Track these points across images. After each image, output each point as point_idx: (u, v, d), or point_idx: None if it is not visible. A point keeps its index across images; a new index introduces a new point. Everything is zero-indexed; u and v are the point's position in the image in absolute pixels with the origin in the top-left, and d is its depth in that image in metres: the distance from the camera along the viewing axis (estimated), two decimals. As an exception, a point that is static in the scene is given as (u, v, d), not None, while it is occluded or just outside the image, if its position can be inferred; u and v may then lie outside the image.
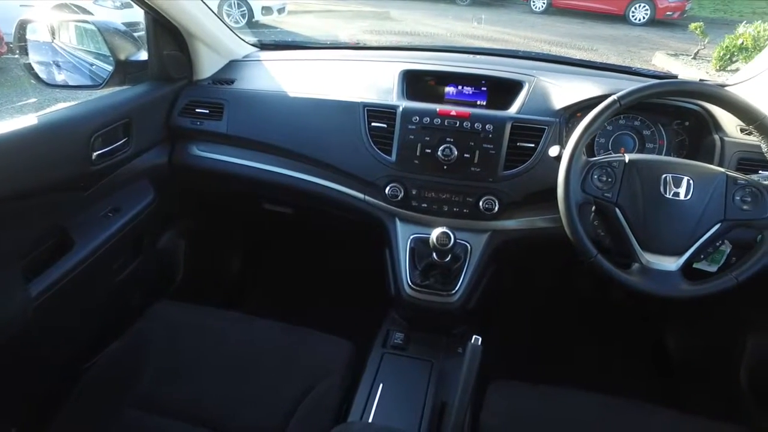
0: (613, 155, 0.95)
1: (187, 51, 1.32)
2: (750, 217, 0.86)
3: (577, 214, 0.90)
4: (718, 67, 5.97)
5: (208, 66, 1.38)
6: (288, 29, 8.04)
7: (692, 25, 6.58)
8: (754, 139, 0.91)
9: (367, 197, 1.19)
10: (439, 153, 1.08)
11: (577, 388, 0.99)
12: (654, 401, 0.97)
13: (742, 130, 1.05)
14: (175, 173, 1.35)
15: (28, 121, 0.94)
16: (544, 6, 10.61)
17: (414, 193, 1.13)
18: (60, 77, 1.27)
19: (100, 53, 1.25)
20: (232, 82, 1.36)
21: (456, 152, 1.08)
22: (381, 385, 1.05)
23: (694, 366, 1.49)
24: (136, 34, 1.29)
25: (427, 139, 1.10)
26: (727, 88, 1.11)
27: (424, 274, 1.10)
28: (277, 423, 0.91)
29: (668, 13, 9.53)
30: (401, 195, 1.12)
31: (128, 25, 1.33)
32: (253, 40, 1.58)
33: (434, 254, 1.05)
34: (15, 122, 0.92)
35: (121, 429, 0.91)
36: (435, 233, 0.99)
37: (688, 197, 0.87)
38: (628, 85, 0.94)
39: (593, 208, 0.93)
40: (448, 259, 1.06)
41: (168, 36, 1.26)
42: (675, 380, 1.51)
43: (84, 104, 1.10)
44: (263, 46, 1.59)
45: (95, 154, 1.08)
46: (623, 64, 1.46)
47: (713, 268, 1.00)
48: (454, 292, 1.10)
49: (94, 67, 1.28)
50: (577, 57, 1.55)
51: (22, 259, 0.97)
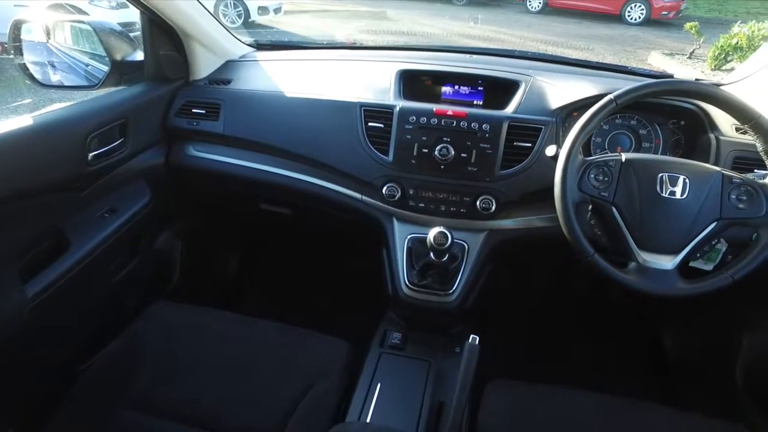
0: (610, 154, 0.95)
1: (184, 51, 1.32)
2: (745, 215, 0.87)
3: (574, 213, 0.90)
4: (713, 67, 6.00)
5: (204, 66, 1.38)
6: (284, 29, 8.02)
7: (687, 25, 6.62)
8: (749, 138, 0.92)
9: (364, 197, 1.19)
10: (436, 153, 1.08)
11: (574, 386, 0.99)
12: (651, 399, 0.98)
13: (737, 129, 1.06)
14: (171, 174, 1.35)
15: (23, 121, 0.93)
16: (540, 6, 10.62)
17: (411, 192, 1.13)
18: (55, 78, 1.26)
19: (96, 53, 1.25)
20: (228, 82, 1.35)
21: (453, 152, 1.08)
22: (379, 385, 1.05)
23: (691, 364, 1.49)
24: (132, 35, 1.29)
25: (424, 138, 1.10)
26: (722, 87, 1.11)
27: (422, 273, 1.10)
28: (275, 423, 0.91)
29: (663, 12, 9.57)
30: (398, 195, 1.12)
31: (124, 25, 1.33)
32: (249, 40, 1.58)
33: (431, 254, 1.05)
34: (10, 123, 0.91)
35: (118, 430, 0.90)
36: (432, 233, 1.00)
37: (684, 196, 0.88)
38: (624, 84, 0.94)
39: (590, 207, 0.93)
40: (445, 258, 1.06)
41: (164, 36, 1.26)
42: (672, 379, 1.52)
43: (80, 105, 1.09)
44: (260, 46, 1.59)
45: (91, 154, 1.07)
46: (619, 64, 1.47)
47: (709, 267, 1.01)
48: (451, 291, 1.10)
49: (89, 67, 1.27)
50: (574, 56, 1.56)
51: (18, 260, 0.96)
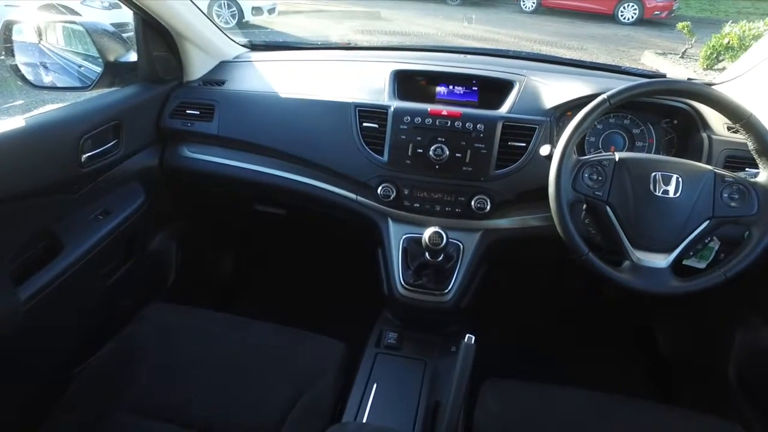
0: (604, 154, 0.96)
1: (177, 52, 1.31)
2: (737, 213, 0.87)
3: (568, 212, 0.90)
4: (705, 66, 6.05)
5: (198, 67, 1.37)
6: (278, 30, 7.99)
7: (679, 25, 6.67)
8: (740, 137, 0.93)
9: (359, 197, 1.19)
10: (431, 153, 1.08)
11: (569, 385, 0.99)
12: (645, 397, 0.98)
13: (729, 128, 1.07)
14: (166, 175, 1.34)
15: (15, 123, 0.92)
16: (534, 6, 10.65)
17: (406, 193, 1.13)
18: (48, 79, 1.25)
19: (89, 54, 1.24)
20: (222, 83, 1.35)
21: (448, 152, 1.08)
22: (375, 385, 1.05)
23: (685, 362, 1.50)
24: (125, 35, 1.28)
25: (419, 138, 1.10)
26: (714, 86, 1.13)
27: (417, 273, 1.10)
28: (272, 424, 0.91)
29: (656, 12, 9.63)
30: (393, 195, 1.12)
31: (117, 26, 1.31)
32: (243, 40, 1.57)
33: (427, 254, 1.05)
34: (2, 125, 0.90)
35: None
36: (427, 233, 1.00)
37: (677, 195, 0.88)
38: (617, 84, 0.95)
39: (584, 206, 0.94)
40: (440, 258, 1.06)
41: (157, 37, 1.25)
42: (666, 376, 1.53)
43: (72, 106, 1.08)
44: (254, 47, 1.58)
45: (84, 156, 1.06)
46: (613, 63, 1.47)
47: (702, 265, 1.02)
48: (446, 291, 1.10)
49: (82, 68, 1.26)
50: (567, 56, 1.56)
51: (10, 263, 0.95)
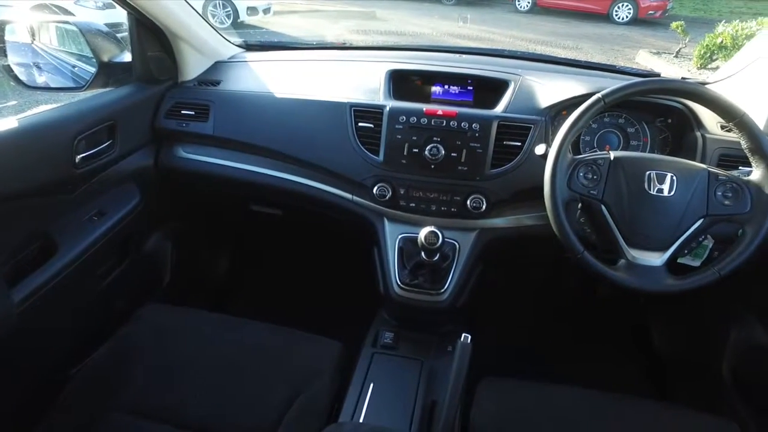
0: (599, 153, 0.96)
1: (172, 52, 1.31)
2: (731, 212, 0.88)
3: (563, 211, 0.91)
4: (699, 65, 6.08)
5: (193, 67, 1.37)
6: (274, 30, 7.98)
7: (673, 24, 6.72)
8: (734, 136, 0.93)
9: (355, 197, 1.19)
10: (427, 152, 1.08)
11: (565, 383, 0.99)
12: (641, 395, 0.99)
13: (722, 127, 1.07)
14: (161, 175, 1.34)
15: (8, 123, 0.92)
16: (529, 5, 10.67)
17: (402, 192, 1.13)
18: (41, 79, 1.25)
19: (83, 55, 1.23)
20: (217, 83, 1.34)
21: (443, 151, 1.08)
22: (371, 385, 1.05)
23: (680, 360, 1.51)
24: (119, 35, 1.27)
25: (414, 138, 1.10)
26: (708, 85, 1.13)
27: (413, 273, 1.10)
28: (268, 425, 0.90)
29: (650, 12, 9.67)
30: (389, 195, 1.12)
31: (111, 26, 1.31)
32: (238, 41, 1.57)
33: (423, 253, 1.05)
34: None
35: None
36: (423, 232, 1.00)
37: (672, 193, 0.89)
38: (612, 83, 0.95)
39: (579, 205, 0.94)
40: (436, 258, 1.07)
41: (152, 37, 1.25)
42: (661, 374, 1.53)
43: (66, 106, 1.08)
44: (249, 47, 1.58)
45: (79, 157, 1.06)
46: (607, 63, 1.48)
47: (697, 263, 1.02)
48: (442, 290, 1.10)
49: (76, 68, 1.26)
50: (562, 56, 1.56)
51: (4, 264, 0.95)
